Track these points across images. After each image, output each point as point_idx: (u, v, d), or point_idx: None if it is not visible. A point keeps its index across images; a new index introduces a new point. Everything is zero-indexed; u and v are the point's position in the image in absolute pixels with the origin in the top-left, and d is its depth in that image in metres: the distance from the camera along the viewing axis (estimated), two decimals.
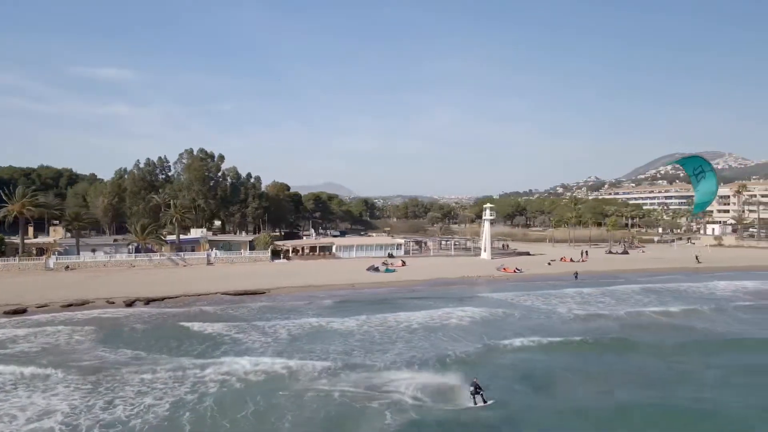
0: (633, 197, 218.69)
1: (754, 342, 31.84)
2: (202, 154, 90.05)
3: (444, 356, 27.97)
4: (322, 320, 36.96)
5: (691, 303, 44.23)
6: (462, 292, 50.21)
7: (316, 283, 53.69)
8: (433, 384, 23.77)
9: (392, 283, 56.17)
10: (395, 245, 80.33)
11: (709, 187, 30.29)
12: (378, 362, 27.23)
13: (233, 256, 68.90)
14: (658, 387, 23.94)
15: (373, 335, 33.53)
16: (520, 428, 19.83)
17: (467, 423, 19.95)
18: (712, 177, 30.34)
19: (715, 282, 56.43)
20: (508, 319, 38.45)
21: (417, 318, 37.88)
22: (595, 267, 70.63)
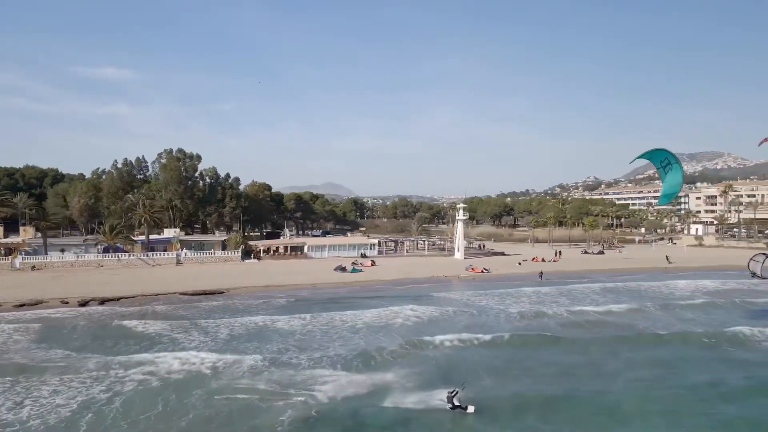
0: (623, 197, 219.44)
1: (672, 336, 32.40)
2: (179, 154, 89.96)
3: (370, 355, 28.20)
4: (268, 319, 37.10)
5: (642, 301, 44.58)
6: (421, 292, 50.32)
7: (278, 283, 53.76)
8: (346, 381, 24.02)
9: (356, 282, 56.26)
10: (369, 245, 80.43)
11: (676, 179, 30.57)
12: (305, 361, 27.39)
13: (203, 256, 68.88)
14: (562, 379, 24.84)
15: (314, 334, 33.64)
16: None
17: (364, 417, 20.16)
18: (678, 169, 30.84)
19: (677, 281, 56.79)
20: (456, 318, 38.64)
21: (365, 317, 38.09)
22: (566, 267, 70.90)
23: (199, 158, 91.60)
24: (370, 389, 23.25)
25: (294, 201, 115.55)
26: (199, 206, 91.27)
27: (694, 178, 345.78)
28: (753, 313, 40.52)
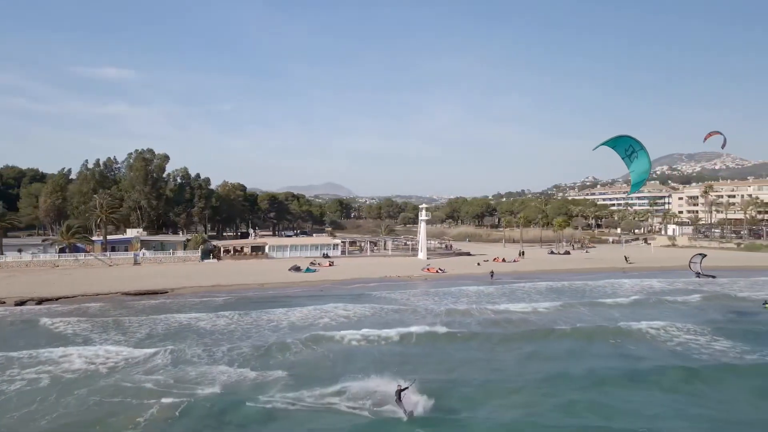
0: (609, 197, 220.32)
1: (573, 331, 33.23)
2: (147, 154, 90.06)
3: (272, 351, 28.83)
4: (193, 318, 37.46)
5: (573, 300, 45.32)
6: (364, 292, 50.63)
7: (227, 283, 54.05)
8: (236, 378, 24.49)
9: (305, 282, 56.57)
10: (332, 245, 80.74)
11: (643, 166, 28.56)
12: (206, 358, 27.79)
13: (162, 256, 69.10)
14: (446, 371, 25.88)
15: (233, 333, 33.98)
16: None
17: (228, 413, 20.52)
18: (644, 156, 28.62)
19: (624, 281, 57.65)
20: (384, 316, 39.04)
21: (292, 316, 38.56)
22: (524, 267, 71.43)
23: (166, 158, 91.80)
24: (253, 385, 23.61)
25: (267, 201, 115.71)
26: (167, 206, 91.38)
27: (692, 178, 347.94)
28: (671, 311, 41.12)
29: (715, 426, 19.19)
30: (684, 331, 33.30)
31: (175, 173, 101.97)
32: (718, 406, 21.14)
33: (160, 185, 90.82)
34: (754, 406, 21.16)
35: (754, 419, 20.03)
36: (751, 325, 36.25)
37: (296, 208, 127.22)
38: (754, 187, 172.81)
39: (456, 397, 22.05)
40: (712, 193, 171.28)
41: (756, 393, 22.39)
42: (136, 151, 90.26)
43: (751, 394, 22.22)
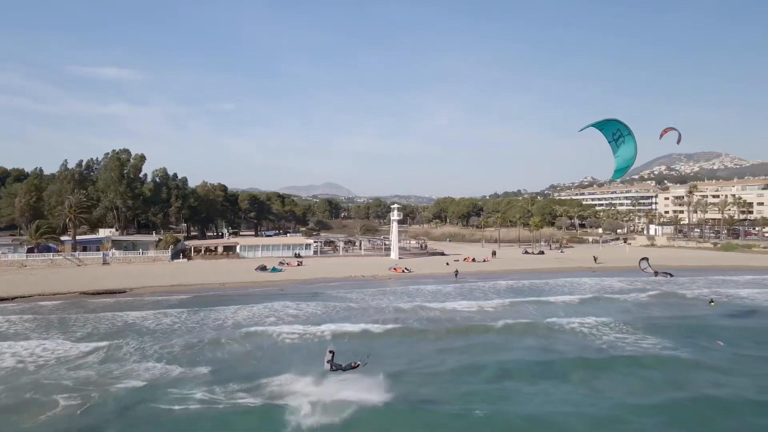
0: (597, 197, 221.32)
1: (501, 327, 34.29)
2: (123, 154, 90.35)
3: (204, 348, 29.33)
4: (140, 316, 37.88)
5: (524, 298, 46.27)
6: (322, 291, 51.07)
7: (188, 282, 54.45)
8: (160, 374, 25.09)
9: (268, 282, 57.01)
10: (304, 245, 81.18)
11: (629, 152, 27.32)
12: (137, 356, 28.33)
13: (131, 256, 69.41)
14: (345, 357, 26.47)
15: (175, 331, 34.44)
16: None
17: (136, 411, 21.01)
18: (631, 141, 27.32)
19: (586, 279, 58.86)
20: (330, 314, 39.51)
21: (240, 314, 39.21)
22: (492, 267, 72.05)
23: (143, 158, 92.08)
24: (171, 381, 24.09)
25: (248, 201, 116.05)
26: (144, 206, 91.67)
27: (688, 178, 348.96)
28: (615, 308, 42.13)
29: (595, 410, 20.32)
30: (615, 328, 34.10)
31: (155, 173, 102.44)
32: (609, 394, 22.38)
33: (136, 185, 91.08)
34: (645, 395, 22.12)
35: (636, 404, 21.02)
36: (686, 321, 37.16)
37: (279, 208, 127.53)
38: (737, 187, 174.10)
39: (344, 381, 22.76)
40: (698, 194, 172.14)
41: (650, 383, 23.51)
42: (113, 152, 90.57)
43: (645, 384, 23.34)
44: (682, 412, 20.43)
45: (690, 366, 26.18)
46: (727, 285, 56.28)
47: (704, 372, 25.34)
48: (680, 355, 27.96)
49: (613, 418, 19.67)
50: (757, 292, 50.51)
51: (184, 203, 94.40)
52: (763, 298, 47.14)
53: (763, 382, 23.60)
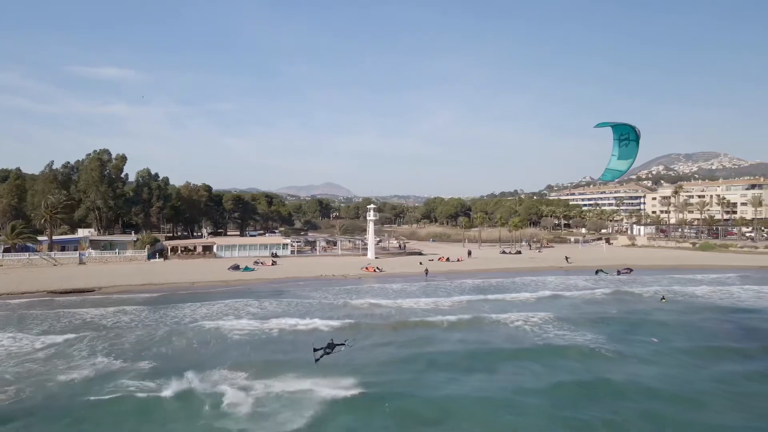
0: (587, 197, 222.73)
1: (430, 322, 36.09)
2: (104, 154, 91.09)
3: (150, 343, 30.59)
4: (100, 314, 38.79)
5: (485, 295, 47.85)
6: (288, 289, 52.03)
7: (158, 281, 55.34)
8: (91, 369, 25.91)
9: (238, 281, 57.99)
10: (281, 245, 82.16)
11: (630, 155, 26.85)
12: (86, 350, 29.39)
13: (107, 256, 70.25)
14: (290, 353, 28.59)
15: (132, 328, 35.29)
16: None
17: (64, 397, 22.05)
18: (634, 147, 26.90)
19: (551, 278, 60.29)
20: (287, 311, 40.57)
21: (199, 312, 40.38)
22: (465, 266, 73.14)
23: (124, 159, 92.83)
24: (108, 374, 25.05)
25: (232, 201, 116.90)
26: (125, 206, 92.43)
27: (685, 178, 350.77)
28: (565, 305, 43.44)
29: (491, 394, 22.10)
30: (557, 323, 35.68)
31: (139, 174, 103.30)
32: (514, 380, 24.03)
33: (117, 185, 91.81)
34: (545, 380, 23.80)
35: (532, 388, 22.81)
36: (630, 317, 38.63)
37: (264, 208, 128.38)
38: (722, 187, 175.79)
39: (277, 372, 24.49)
40: (684, 194, 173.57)
41: (557, 370, 25.25)
42: (94, 152, 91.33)
43: (552, 371, 25.11)
44: (568, 394, 22.10)
45: (607, 357, 27.61)
46: (689, 283, 57.55)
47: (618, 362, 26.78)
48: (605, 347, 29.31)
49: (504, 400, 21.38)
50: (713, 290, 51.72)
51: (165, 203, 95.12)
52: (716, 296, 48.28)
53: (670, 371, 25.02)
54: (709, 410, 20.54)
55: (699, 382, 23.69)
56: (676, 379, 23.88)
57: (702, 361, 26.83)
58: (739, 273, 67.23)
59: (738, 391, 22.44)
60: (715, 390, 22.57)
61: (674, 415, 20.00)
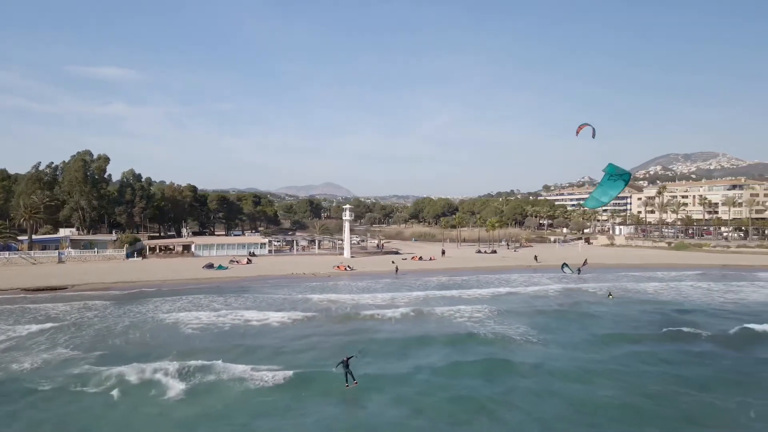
0: (575, 197, 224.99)
1: (368, 315, 38.39)
2: (87, 156, 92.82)
3: (107, 336, 32.53)
4: (65, 310, 40.53)
5: (444, 291, 50.28)
6: (255, 287, 53.85)
7: (131, 279, 57.07)
8: (50, 358, 27.79)
9: (210, 279, 59.83)
10: (259, 244, 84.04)
11: (615, 190, 29.43)
12: (46, 343, 31.08)
13: (87, 254, 72.01)
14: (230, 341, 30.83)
15: (94, 323, 36.72)
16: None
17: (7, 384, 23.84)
18: (621, 185, 29.66)
19: (515, 276, 63.07)
20: (246, 305, 42.75)
21: (162, 307, 42.07)
22: (436, 265, 75.29)
23: (107, 160, 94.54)
24: (58, 364, 26.82)
25: (217, 202, 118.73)
26: (109, 206, 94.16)
27: (686, 178, 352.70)
28: (513, 300, 45.70)
29: (392, 370, 24.95)
30: (495, 316, 38.23)
31: (124, 175, 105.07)
32: (419, 361, 26.45)
33: (101, 186, 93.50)
34: (443, 360, 26.60)
35: (429, 366, 25.63)
36: (570, 310, 41.12)
37: (250, 208, 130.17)
38: (705, 188, 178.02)
39: (216, 359, 26.45)
40: (667, 194, 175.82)
41: (461, 353, 28.06)
42: (77, 153, 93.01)
43: (458, 353, 27.83)
44: (464, 371, 24.95)
45: (524, 344, 30.27)
46: (645, 280, 59.71)
47: (532, 348, 29.46)
48: (529, 336, 31.92)
49: (403, 376, 24.30)
50: (664, 287, 53.96)
51: (148, 203, 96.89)
52: (665, 293, 50.32)
53: (577, 355, 27.83)
54: (590, 385, 22.93)
55: (596, 363, 26.07)
56: (578, 361, 26.35)
57: (610, 347, 29.26)
58: (701, 271, 69.46)
59: (625, 370, 24.84)
60: (604, 369, 25.01)
61: (559, 389, 22.43)
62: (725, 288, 52.35)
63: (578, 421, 19.27)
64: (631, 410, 20.20)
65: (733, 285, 55.03)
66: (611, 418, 19.60)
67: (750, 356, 27.72)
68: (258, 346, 30.04)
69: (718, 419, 19.45)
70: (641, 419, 19.42)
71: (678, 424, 19.08)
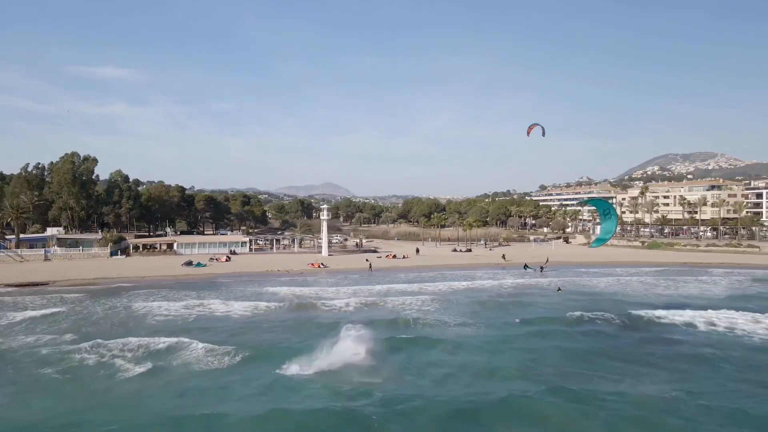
0: (563, 197, 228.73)
1: (321, 307, 41.02)
2: (75, 158, 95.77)
3: (73, 325, 35.33)
4: (42, 302, 43.58)
5: (407, 284, 53.88)
6: (227, 282, 57.06)
7: (110, 275, 60.09)
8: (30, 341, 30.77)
9: (187, 276, 62.84)
10: (240, 242, 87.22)
11: (612, 226, 34.11)
12: (13, 334, 34.00)
13: (72, 252, 75.01)
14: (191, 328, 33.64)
15: (68, 316, 39.92)
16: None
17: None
18: (614, 218, 34.13)
19: (481, 272, 66.96)
20: (219, 297, 45.54)
21: (135, 300, 44.78)
22: (409, 263, 78.52)
23: (95, 161, 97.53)
24: (41, 344, 29.91)
25: (204, 201, 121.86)
26: (96, 206, 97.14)
27: (683, 178, 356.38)
28: (469, 294, 48.43)
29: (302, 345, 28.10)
30: (440, 307, 40.99)
31: (112, 175, 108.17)
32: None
33: (88, 186, 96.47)
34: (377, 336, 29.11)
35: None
36: (514, 302, 44.07)
37: (238, 208, 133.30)
38: (685, 188, 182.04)
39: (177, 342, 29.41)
40: (650, 194, 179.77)
41: (393, 332, 31.75)
42: (66, 154, 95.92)
43: (389, 331, 31.54)
44: (389, 344, 28.28)
45: (448, 324, 34.42)
46: (601, 276, 63.02)
47: (452, 327, 33.55)
48: (461, 321, 35.54)
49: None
50: (614, 281, 57.41)
51: (135, 203, 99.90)
52: (611, 287, 53.36)
53: (490, 333, 31.78)
54: (491, 354, 26.97)
55: (503, 339, 30.24)
56: (490, 338, 30.48)
57: (524, 328, 33.27)
58: (661, 268, 72.81)
59: (523, 345, 28.96)
60: (508, 343, 29.22)
61: (463, 358, 26.37)
62: (668, 283, 55.65)
63: (465, 380, 23.18)
64: (515, 371, 24.18)
65: (679, 280, 58.36)
66: (497, 377, 23.43)
67: (633, 336, 31.57)
68: (217, 330, 33.19)
69: (584, 378, 23.34)
70: (522, 378, 23.20)
71: (554, 380, 22.66)
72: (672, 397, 20.37)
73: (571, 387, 21.36)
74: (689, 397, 20.39)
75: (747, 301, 44.20)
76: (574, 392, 20.78)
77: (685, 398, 20.25)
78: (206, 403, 20.51)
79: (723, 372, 24.42)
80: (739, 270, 69.84)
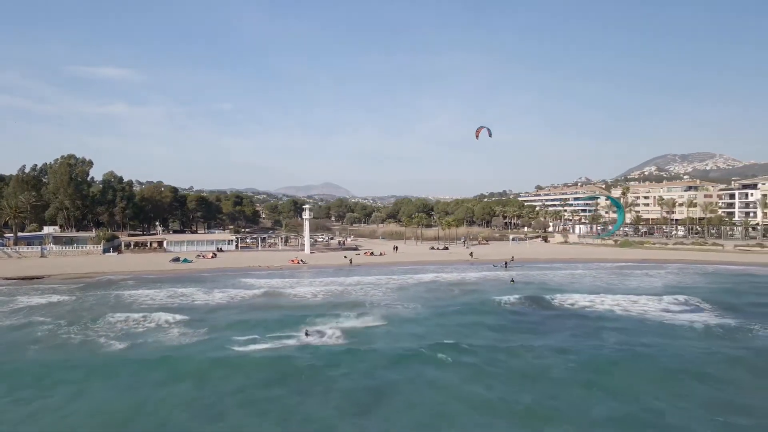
0: (551, 198, 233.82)
1: (292, 301, 44.52)
2: (71, 159, 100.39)
3: (67, 310, 39.97)
4: (36, 292, 48.21)
5: (378, 276, 59.64)
6: (208, 276, 61.72)
7: (101, 270, 64.80)
8: (22, 322, 35.46)
9: (173, 271, 67.49)
10: (226, 241, 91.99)
11: (620, 219, 43.26)
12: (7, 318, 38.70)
13: (67, 250, 79.61)
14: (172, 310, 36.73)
15: (60, 304, 44.69)
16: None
17: None
18: (621, 212, 43.76)
19: (449, 267, 71.63)
20: (200, 288, 50.09)
21: (122, 292, 49.42)
22: (385, 259, 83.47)
23: (90, 163, 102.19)
24: (31, 324, 34.64)
25: (195, 202, 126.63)
26: (91, 207, 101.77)
27: (680, 178, 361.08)
28: (429, 286, 53.23)
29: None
30: (400, 297, 45.75)
31: (107, 176, 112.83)
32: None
33: (83, 187, 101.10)
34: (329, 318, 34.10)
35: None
36: (463, 291, 49.20)
37: (229, 208, 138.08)
38: (664, 189, 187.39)
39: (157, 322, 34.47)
40: (631, 195, 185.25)
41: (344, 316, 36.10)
42: (62, 157, 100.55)
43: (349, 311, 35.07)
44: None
45: (395, 308, 39.80)
46: (558, 270, 68.06)
47: (398, 310, 38.99)
48: (406, 304, 41.04)
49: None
50: (567, 275, 62.47)
51: (128, 204, 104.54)
52: (558, 280, 58.28)
53: (424, 311, 38.04)
54: (421, 326, 33.28)
55: (434, 315, 36.62)
56: (426, 315, 37.01)
57: (455, 307, 39.71)
58: (620, 264, 77.55)
59: (449, 319, 35.45)
60: (437, 319, 35.54)
61: (398, 329, 32.43)
62: (613, 277, 60.52)
63: (391, 341, 29.10)
64: (432, 337, 30.12)
65: (629, 274, 63.46)
66: (415, 339, 29.34)
67: (540, 314, 38.25)
68: (195, 313, 37.93)
69: (478, 338, 29.63)
70: (429, 339, 29.19)
71: (455, 339, 28.53)
72: (542, 353, 26.19)
73: (462, 344, 27.64)
74: (558, 352, 26.46)
75: (672, 291, 49.09)
76: (463, 348, 27.16)
77: (553, 354, 26.47)
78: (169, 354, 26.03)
79: (589, 334, 31.72)
80: (693, 266, 74.77)
